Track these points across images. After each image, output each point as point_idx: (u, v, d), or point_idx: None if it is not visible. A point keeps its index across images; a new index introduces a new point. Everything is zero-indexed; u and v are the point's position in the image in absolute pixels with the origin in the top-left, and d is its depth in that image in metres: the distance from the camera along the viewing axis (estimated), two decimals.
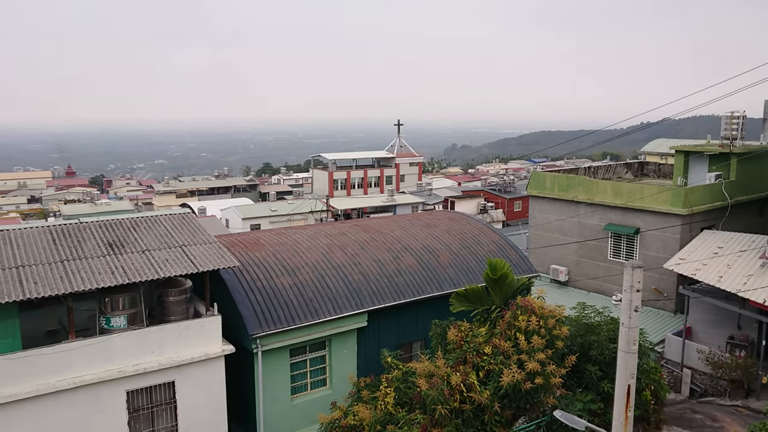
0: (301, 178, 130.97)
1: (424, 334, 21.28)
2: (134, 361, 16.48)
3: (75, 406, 15.82)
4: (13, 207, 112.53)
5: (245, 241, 22.08)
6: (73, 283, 15.64)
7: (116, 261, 17.03)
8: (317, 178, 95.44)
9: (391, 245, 23.27)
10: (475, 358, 15.81)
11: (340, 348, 20.15)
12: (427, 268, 22.49)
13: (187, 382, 17.23)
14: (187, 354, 17.14)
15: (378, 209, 69.51)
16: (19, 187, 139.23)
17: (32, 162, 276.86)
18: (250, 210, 67.81)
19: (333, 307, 19.75)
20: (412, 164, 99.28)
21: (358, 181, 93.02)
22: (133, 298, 17.01)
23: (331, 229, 24.44)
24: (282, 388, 19.10)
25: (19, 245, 17.19)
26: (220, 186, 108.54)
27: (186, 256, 17.75)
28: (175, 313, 17.69)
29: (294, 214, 64.63)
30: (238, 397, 19.23)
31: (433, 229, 25.25)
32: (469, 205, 69.04)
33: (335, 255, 21.90)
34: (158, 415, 17.09)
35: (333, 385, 20.16)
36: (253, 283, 19.51)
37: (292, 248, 21.87)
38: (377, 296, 20.71)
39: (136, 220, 19.78)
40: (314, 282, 20.31)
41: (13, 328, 15.53)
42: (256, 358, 18.28)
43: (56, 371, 15.52)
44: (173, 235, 18.99)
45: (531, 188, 35.97)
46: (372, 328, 20.60)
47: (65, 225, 18.81)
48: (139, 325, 17.01)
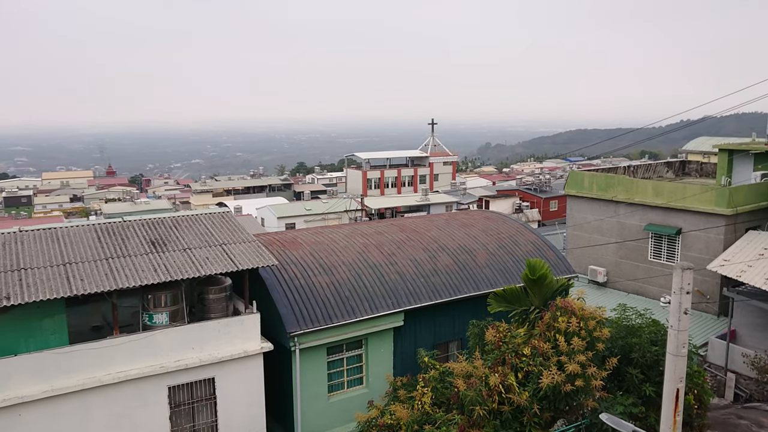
0: (335, 178, 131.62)
1: (461, 334, 21.18)
2: (176, 357, 16.79)
3: (119, 400, 16.20)
4: (56, 205, 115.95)
5: (283, 240, 22.30)
6: (117, 280, 16.01)
7: (159, 259, 17.37)
8: (351, 177, 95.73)
9: (427, 245, 23.22)
10: (513, 359, 15.67)
11: (376, 347, 20.20)
12: (464, 267, 22.37)
13: (226, 379, 17.49)
14: (226, 351, 17.39)
15: (412, 208, 69.44)
16: (62, 186, 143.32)
17: (74, 162, 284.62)
18: (285, 209, 68.40)
19: (369, 306, 19.80)
20: (446, 163, 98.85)
21: (392, 181, 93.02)
22: (174, 295, 17.33)
23: (368, 228, 24.50)
24: (319, 386, 19.24)
25: (66, 243, 17.67)
26: (256, 185, 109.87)
27: (226, 255, 18.01)
28: (215, 311, 17.96)
29: (328, 213, 64.98)
30: (276, 395, 19.43)
31: (469, 229, 25.11)
32: (504, 205, 68.47)
33: (372, 254, 21.95)
34: (199, 410, 17.39)
35: (369, 384, 20.21)
36: (291, 281, 19.69)
37: (329, 247, 22.00)
38: (414, 296, 20.70)
39: (178, 218, 20.14)
40: (351, 281, 20.40)
41: (61, 324, 15.98)
42: (294, 356, 18.45)
43: (101, 366, 15.91)
44: (213, 233, 19.29)
45: (569, 188, 35.48)
46: (408, 327, 20.59)
47: (110, 223, 19.26)
48: (180, 322, 17.33)
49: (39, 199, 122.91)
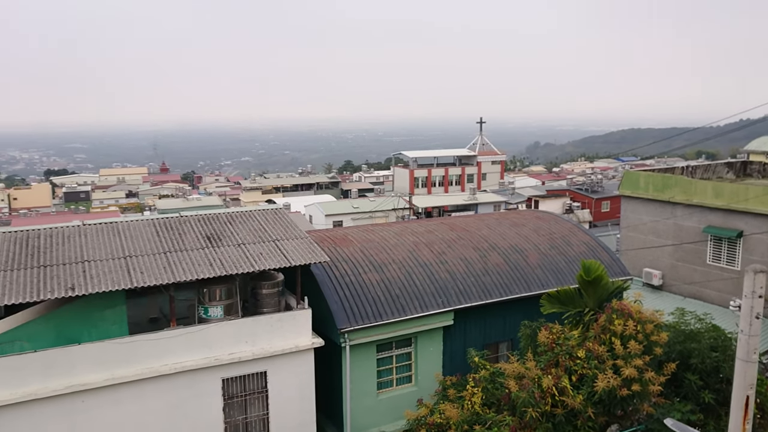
0: (382, 176, 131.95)
1: (512, 334, 20.94)
2: (229, 350, 17.12)
3: (175, 391, 16.62)
4: (112, 201, 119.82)
5: (334, 237, 22.47)
6: (175, 273, 16.42)
7: (214, 253, 17.74)
8: (398, 175, 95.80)
9: (478, 244, 23.03)
10: (567, 362, 15.41)
11: (426, 345, 20.15)
12: (515, 267, 22.10)
13: (278, 373, 17.74)
14: (278, 345, 17.63)
15: (459, 208, 69.04)
16: (118, 182, 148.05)
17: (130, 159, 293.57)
18: (332, 207, 68.99)
19: (420, 304, 19.76)
20: (494, 162, 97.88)
21: (439, 179, 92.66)
22: (229, 289, 17.67)
23: (418, 226, 24.46)
24: (368, 383, 19.31)
25: (126, 237, 18.22)
26: (304, 183, 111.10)
27: (279, 251, 18.26)
28: (267, 306, 18.23)
29: (375, 211, 65.21)
30: (326, 390, 19.59)
31: (520, 229, 24.79)
32: (554, 205, 67.36)
33: (422, 252, 21.90)
34: (251, 403, 17.69)
35: (418, 383, 20.19)
36: (342, 278, 19.82)
37: (380, 245, 22.06)
38: (464, 295, 20.56)
39: (232, 214, 20.52)
40: (401, 279, 20.40)
41: (121, 315, 16.49)
42: (344, 353, 18.57)
43: (158, 357, 16.35)
44: (266, 229, 19.58)
45: (623, 188, 34.63)
46: (458, 326, 20.47)
47: (167, 218, 19.77)
48: (234, 316, 17.65)
49: (96, 195, 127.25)
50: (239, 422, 17.59)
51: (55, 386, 15.20)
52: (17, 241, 17.33)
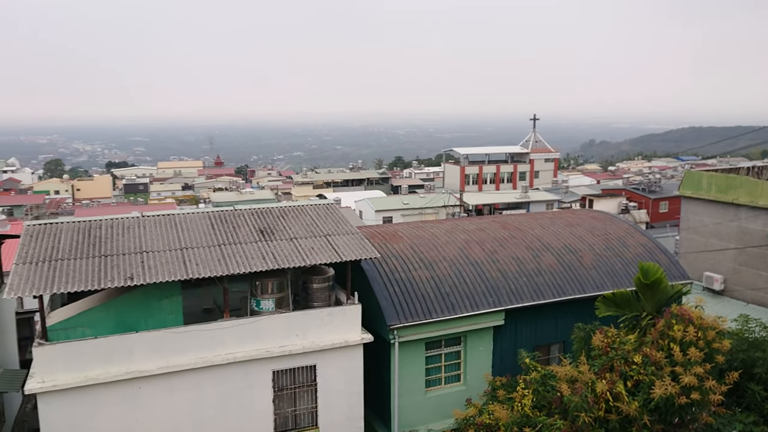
0: (433, 172, 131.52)
1: (564, 336, 20.51)
2: (280, 342, 17.33)
3: (227, 381, 16.95)
4: (169, 193, 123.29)
5: (384, 233, 22.46)
6: (229, 266, 16.72)
7: (267, 247, 17.98)
8: (449, 172, 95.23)
9: (530, 243, 22.63)
10: (623, 367, 14.95)
11: (475, 345, 19.94)
12: (569, 268, 21.62)
13: (327, 367, 17.87)
14: (328, 340, 17.75)
15: (510, 206, 68.12)
16: (174, 175, 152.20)
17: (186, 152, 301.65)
18: (382, 202, 69.13)
19: (470, 303, 19.56)
20: (547, 160, 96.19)
21: (491, 177, 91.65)
22: (281, 283, 17.88)
23: (469, 224, 24.21)
24: (417, 381, 19.25)
25: (182, 229, 18.67)
26: (354, 178, 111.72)
27: (330, 245, 18.37)
28: (318, 300, 18.38)
29: (426, 208, 65.00)
30: (374, 386, 19.62)
31: (575, 229, 24.24)
32: (610, 205, 65.66)
33: (473, 251, 21.67)
34: (300, 395, 17.88)
35: (467, 382, 20.00)
36: (392, 274, 19.80)
37: (430, 242, 21.93)
38: (515, 295, 20.24)
39: (285, 209, 20.76)
40: (451, 277, 20.24)
41: (177, 305, 16.90)
42: (393, 349, 18.55)
43: (212, 347, 16.70)
44: (318, 224, 19.73)
45: (684, 188, 33.44)
46: (509, 327, 20.18)
47: (222, 211, 20.15)
48: (285, 309, 17.86)
49: (154, 187, 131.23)
50: (288, 414, 17.81)
51: (115, 372, 15.71)
52: (80, 231, 17.98)
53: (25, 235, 17.48)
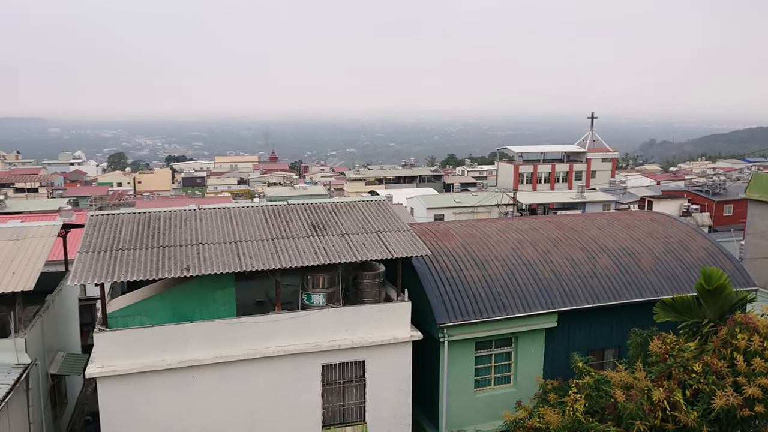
0: (485, 171, 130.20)
1: (619, 341, 19.93)
2: (330, 337, 17.45)
3: (277, 373, 17.18)
4: (225, 187, 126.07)
5: (435, 231, 22.32)
6: (281, 259, 16.93)
7: (319, 242, 18.12)
8: (502, 171, 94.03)
9: (586, 244, 22.07)
10: (681, 375, 14.42)
11: (526, 346, 19.59)
12: (626, 271, 20.98)
13: (376, 363, 17.88)
14: (377, 336, 17.76)
15: (565, 206, 66.72)
16: (230, 169, 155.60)
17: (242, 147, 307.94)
18: (434, 200, 68.82)
19: (522, 304, 19.23)
20: (604, 160, 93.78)
21: (545, 176, 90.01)
22: (332, 278, 17.99)
23: (522, 223, 23.80)
24: (466, 380, 19.06)
25: (237, 222, 19.01)
26: (406, 175, 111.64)
27: (381, 242, 18.36)
28: (368, 296, 18.41)
29: (478, 206, 64.36)
30: (423, 384, 19.53)
31: (633, 231, 23.50)
32: (670, 207, 63.53)
33: (526, 251, 21.29)
34: (348, 390, 17.96)
35: (517, 384, 19.68)
36: (443, 273, 19.65)
37: (482, 241, 21.66)
38: (569, 297, 19.78)
39: (337, 204, 20.88)
40: (503, 277, 19.94)
41: (230, 296, 17.23)
42: (443, 348, 18.41)
43: (263, 339, 16.95)
44: (370, 220, 19.75)
45: (751, 191, 32.00)
46: (562, 329, 19.74)
47: (275, 206, 20.42)
48: (335, 304, 17.97)
49: (211, 181, 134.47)
50: (336, 409, 17.92)
51: (170, 360, 16.14)
52: (140, 222, 18.54)
53: (89, 225, 18.13)
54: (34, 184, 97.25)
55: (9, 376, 15.46)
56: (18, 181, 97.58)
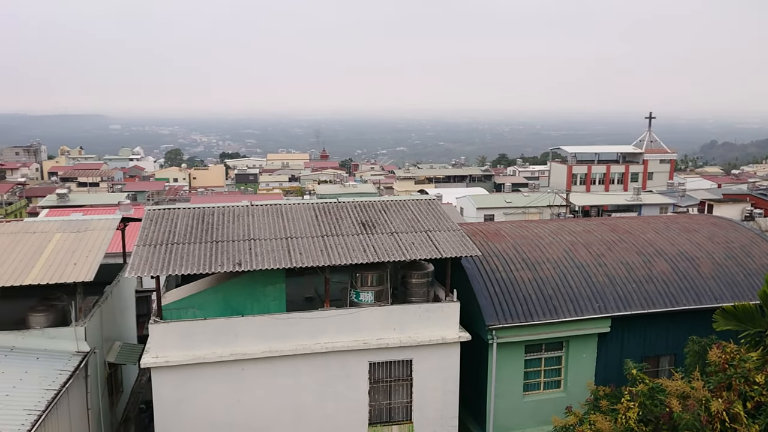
0: (537, 171, 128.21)
1: (675, 349, 19.28)
2: (378, 335, 17.47)
3: (325, 369, 17.31)
4: (277, 184, 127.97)
5: (486, 231, 22.07)
6: (331, 256, 17.04)
7: (368, 240, 18.16)
8: (555, 171, 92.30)
9: (642, 248, 21.43)
10: (742, 386, 13.80)
11: (578, 351, 19.16)
12: (684, 277, 20.27)
13: (423, 363, 17.81)
14: (425, 335, 17.68)
15: (620, 208, 64.98)
16: (282, 166, 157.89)
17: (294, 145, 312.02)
18: (484, 200, 68.13)
19: (574, 307, 18.82)
20: (662, 161, 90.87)
21: (600, 177, 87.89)
22: (380, 276, 18.01)
23: (575, 225, 23.30)
24: (514, 384, 18.78)
25: (288, 219, 19.24)
26: (456, 174, 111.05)
27: (431, 241, 18.27)
28: (416, 295, 18.35)
29: (529, 207, 63.39)
30: (470, 386, 19.34)
31: (692, 235, 22.69)
32: (732, 211, 61.09)
33: (579, 253, 20.82)
34: (395, 389, 17.95)
35: (567, 389, 19.28)
36: (492, 274, 19.41)
37: (534, 242, 21.30)
38: (623, 301, 19.25)
39: (386, 203, 20.88)
40: (555, 279, 19.55)
41: (281, 292, 17.46)
42: (491, 350, 18.19)
43: (312, 335, 17.10)
44: (419, 219, 19.68)
45: None
46: (615, 334, 19.23)
47: (326, 203, 20.58)
48: (383, 302, 17.98)
49: (263, 178, 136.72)
50: (383, 407, 17.94)
51: (221, 353, 16.47)
52: (195, 217, 18.97)
53: (146, 219, 18.67)
54: (95, 178, 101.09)
55: (69, 363, 16.05)
56: (80, 176, 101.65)
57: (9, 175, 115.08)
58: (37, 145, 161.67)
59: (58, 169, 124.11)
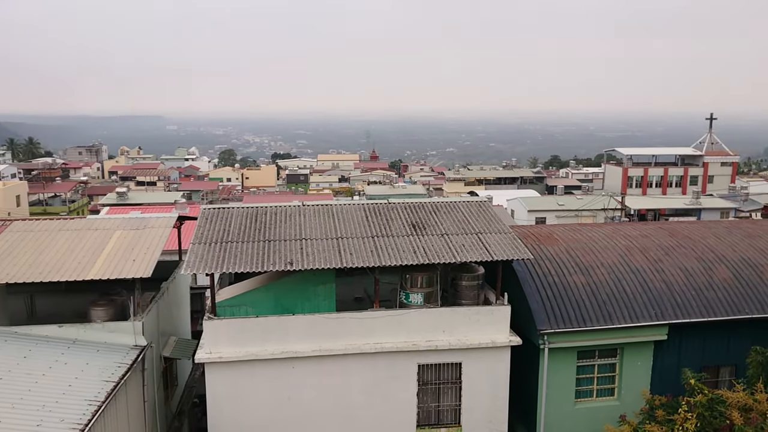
0: (591, 173, 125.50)
1: (737, 359, 18.53)
2: (427, 337, 17.40)
3: (374, 370, 17.34)
4: (327, 184, 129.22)
5: (538, 234, 21.72)
6: (381, 257, 17.08)
7: (418, 241, 18.11)
8: (610, 173, 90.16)
9: (701, 254, 20.68)
10: None
11: (633, 359, 18.63)
12: (747, 284, 19.46)
13: (473, 366, 17.64)
14: (475, 339, 17.52)
15: (678, 212, 62.94)
16: (332, 167, 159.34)
17: (344, 146, 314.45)
18: (536, 202, 67.08)
19: (629, 313, 18.31)
20: (724, 164, 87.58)
21: (657, 180, 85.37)
22: (430, 277, 17.94)
23: (631, 229, 22.68)
24: (566, 390, 18.40)
25: (339, 219, 19.38)
26: (507, 176, 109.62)
27: (481, 244, 18.09)
28: (466, 298, 18.20)
29: (582, 210, 62.09)
30: (520, 391, 19.05)
31: (756, 240, 21.76)
32: None
33: (635, 258, 20.25)
34: (444, 392, 17.84)
35: (621, 397, 18.76)
36: (545, 277, 19.08)
37: (587, 246, 20.84)
38: (681, 309, 18.61)
39: (437, 204, 20.80)
40: (610, 284, 19.07)
41: (331, 292, 17.60)
42: (542, 355, 17.87)
43: (361, 335, 17.16)
44: (470, 221, 19.52)
45: None
46: (672, 343, 18.61)
47: (376, 204, 20.63)
48: (433, 304, 17.90)
49: (314, 178, 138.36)
50: (431, 409, 17.86)
51: (273, 350, 16.72)
52: (248, 216, 19.33)
53: (202, 217, 19.13)
54: (152, 177, 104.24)
55: (128, 357, 16.58)
56: (139, 175, 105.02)
57: (72, 174, 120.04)
58: (99, 145, 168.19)
59: (117, 168, 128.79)
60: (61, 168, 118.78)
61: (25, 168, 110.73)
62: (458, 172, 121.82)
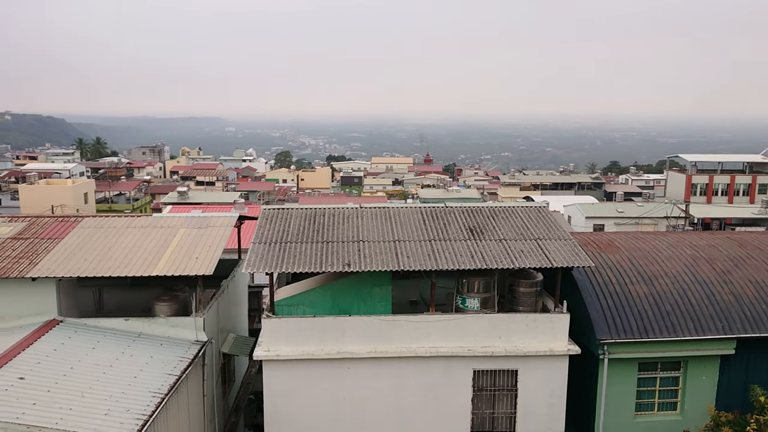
0: (652, 180, 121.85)
1: None
2: (483, 342, 17.23)
3: (428, 373, 17.29)
4: (380, 187, 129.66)
5: (598, 242, 21.21)
6: (438, 261, 17.02)
7: (475, 246, 17.97)
8: (672, 180, 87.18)
9: None
10: None
11: (697, 372, 17.96)
12: None
13: (529, 374, 17.37)
14: (532, 346, 17.24)
15: (746, 221, 60.38)
16: (386, 170, 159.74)
17: (398, 149, 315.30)
18: (594, 209, 65.50)
19: (694, 326, 17.67)
20: None
21: (723, 188, 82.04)
22: (487, 283, 17.76)
23: (697, 239, 21.87)
24: (626, 402, 17.89)
25: (396, 222, 19.42)
26: (564, 182, 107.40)
27: (540, 250, 17.81)
28: (524, 304, 17.94)
29: (643, 217, 60.27)
30: (577, 401, 18.63)
31: None
32: None
33: (701, 269, 19.53)
34: (499, 399, 17.63)
35: (684, 412, 18.11)
36: (605, 286, 18.62)
37: (650, 255, 20.22)
38: (751, 322, 17.84)
39: (495, 209, 20.59)
40: (674, 295, 18.45)
41: (387, 294, 17.65)
42: (602, 365, 17.44)
43: (416, 338, 17.15)
44: (529, 227, 19.24)
45: None
46: (740, 357, 17.85)
47: (433, 208, 20.58)
48: (490, 310, 17.72)
49: (367, 180, 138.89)
50: (486, 416, 17.67)
51: (328, 350, 16.89)
52: (306, 217, 19.59)
53: (262, 217, 19.51)
54: (211, 178, 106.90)
55: (189, 351, 17.06)
56: (198, 175, 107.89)
57: (136, 173, 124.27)
58: (161, 145, 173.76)
59: (178, 168, 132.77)
60: (126, 167, 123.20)
61: (92, 167, 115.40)
62: (513, 176, 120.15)
